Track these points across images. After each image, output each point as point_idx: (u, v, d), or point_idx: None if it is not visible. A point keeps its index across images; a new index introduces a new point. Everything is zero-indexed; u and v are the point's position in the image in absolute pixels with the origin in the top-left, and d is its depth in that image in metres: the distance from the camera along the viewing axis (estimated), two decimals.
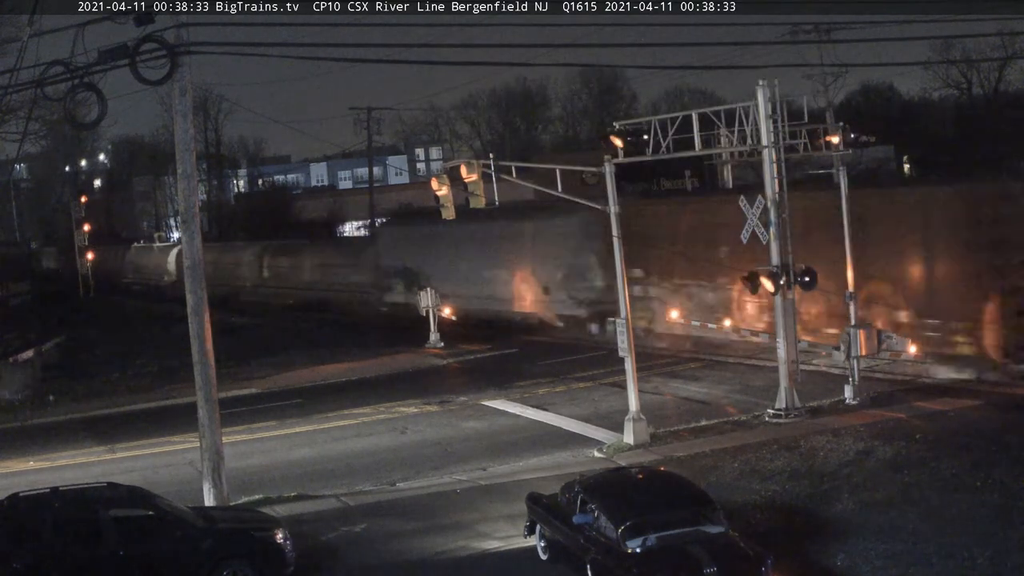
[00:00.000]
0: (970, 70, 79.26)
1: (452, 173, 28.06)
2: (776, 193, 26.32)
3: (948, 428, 24.06)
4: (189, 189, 20.89)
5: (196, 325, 20.70)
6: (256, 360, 40.47)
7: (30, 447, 28.97)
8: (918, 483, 20.28)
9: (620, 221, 25.55)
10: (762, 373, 31.30)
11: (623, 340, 25.32)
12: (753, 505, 19.85)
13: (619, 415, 25.89)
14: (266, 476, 24.47)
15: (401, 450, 26.50)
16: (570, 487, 17.48)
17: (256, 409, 32.05)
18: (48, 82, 18.63)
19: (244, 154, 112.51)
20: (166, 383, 36.80)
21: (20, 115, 39.05)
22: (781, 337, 26.48)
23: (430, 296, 42.48)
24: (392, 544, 19.35)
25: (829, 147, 28.64)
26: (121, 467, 25.72)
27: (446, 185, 26.91)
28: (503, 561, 18.24)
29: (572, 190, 27.88)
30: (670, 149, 27.32)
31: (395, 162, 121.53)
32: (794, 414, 26.11)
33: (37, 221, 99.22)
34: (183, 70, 19.85)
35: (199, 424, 20.87)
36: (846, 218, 28.77)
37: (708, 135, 28.00)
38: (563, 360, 36.91)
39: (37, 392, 36.49)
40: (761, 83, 26.25)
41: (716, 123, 27.52)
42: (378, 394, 33.28)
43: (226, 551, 17.30)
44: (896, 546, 17.22)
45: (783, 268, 26.06)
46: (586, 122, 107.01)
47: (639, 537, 15.43)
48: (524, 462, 24.48)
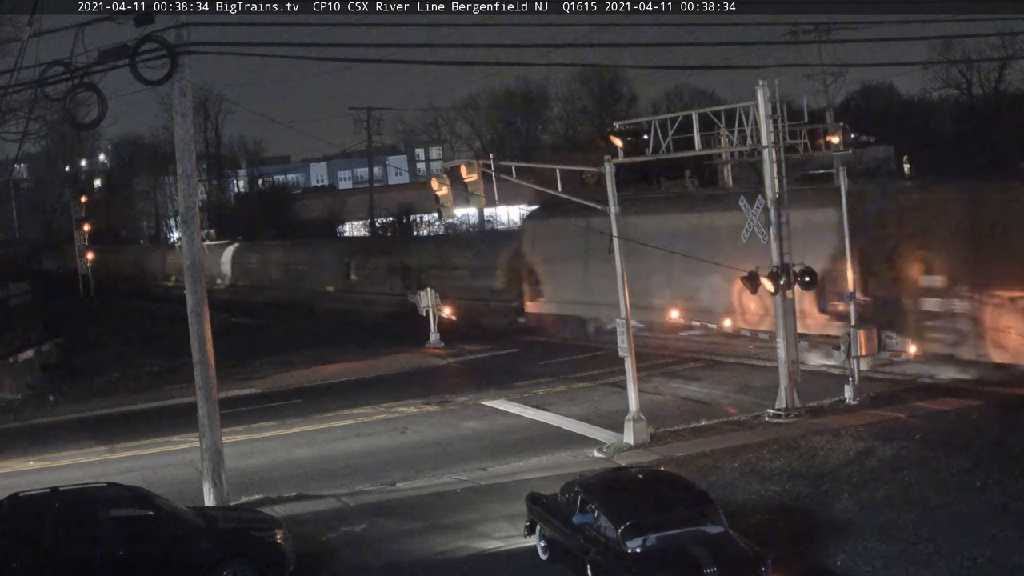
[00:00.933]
0: (970, 70, 79.35)
1: (452, 173, 28.09)
2: (776, 193, 26.33)
3: (948, 428, 24.06)
4: (189, 189, 20.90)
5: (196, 325, 20.71)
6: (256, 360, 40.46)
7: (30, 447, 28.96)
8: (918, 483, 20.27)
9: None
10: (762, 373, 31.29)
11: (623, 340, 25.33)
12: (753, 505, 19.86)
13: (619, 415, 25.89)
14: (266, 476, 24.47)
15: (401, 450, 26.50)
16: (570, 487, 17.48)
17: (256, 409, 32.05)
18: (48, 82, 18.65)
19: (244, 154, 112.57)
20: (166, 383, 36.82)
21: (20, 115, 39.00)
22: (781, 337, 26.48)
23: (430, 296, 42.42)
24: (392, 544, 19.35)
25: (829, 147, 28.65)
26: (121, 467, 25.73)
27: (446, 185, 26.92)
28: (503, 561, 18.23)
29: (572, 190, 27.91)
30: (670, 149, 27.34)
31: (395, 162, 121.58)
32: (794, 414, 26.11)
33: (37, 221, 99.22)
34: (183, 70, 19.86)
35: (199, 424, 20.89)
36: (846, 218, 28.80)
37: (708, 135, 28.02)
38: (563, 360, 36.92)
39: (37, 392, 36.50)
40: (761, 83, 26.27)
41: (716, 123, 27.54)
42: (378, 394, 33.27)
43: (226, 551, 17.29)
44: (896, 546, 17.22)
45: (783, 268, 26.09)
46: (586, 122, 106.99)
47: (639, 537, 15.43)
48: (524, 462, 24.48)
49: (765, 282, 26.05)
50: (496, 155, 28.42)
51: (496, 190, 26.35)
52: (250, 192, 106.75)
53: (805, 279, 26.39)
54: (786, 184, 26.64)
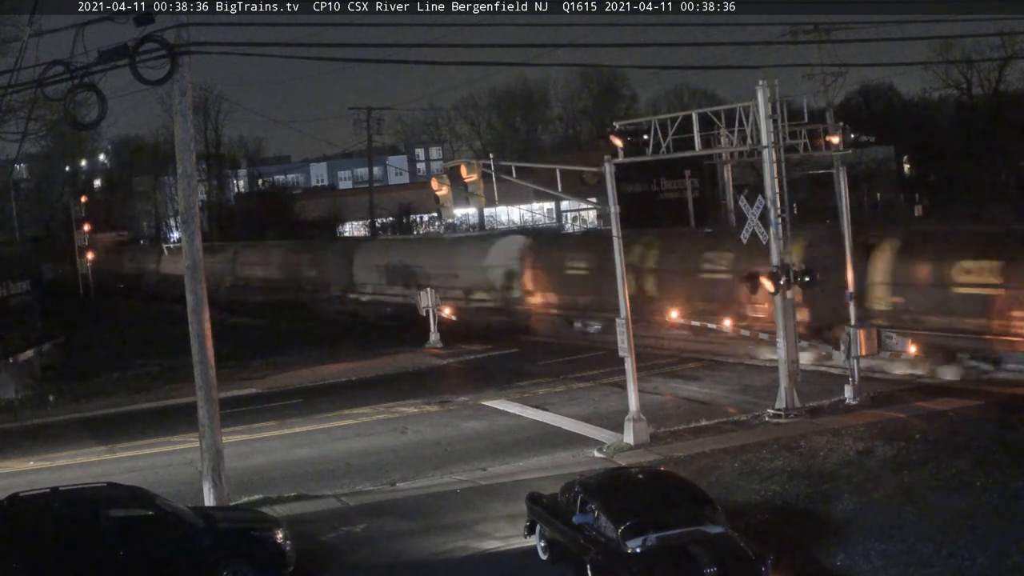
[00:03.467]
0: (970, 70, 79.36)
1: (452, 173, 28.11)
2: (776, 193, 26.33)
3: (948, 428, 24.06)
4: (189, 189, 20.89)
5: (196, 325, 20.71)
6: (256, 360, 40.46)
7: (30, 447, 28.95)
8: (918, 483, 20.27)
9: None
10: (762, 373, 31.30)
11: (623, 340, 25.33)
12: (753, 505, 19.85)
13: (619, 415, 25.88)
14: (266, 476, 24.47)
15: (401, 450, 26.50)
16: (570, 487, 17.47)
17: (256, 409, 32.04)
18: (48, 82, 18.63)
19: (244, 154, 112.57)
20: (166, 383, 36.81)
21: (20, 115, 39.05)
22: (781, 337, 26.48)
23: (430, 296, 42.41)
24: (392, 544, 19.34)
25: (829, 147, 28.68)
26: (121, 467, 25.72)
27: (446, 185, 26.93)
28: (503, 561, 18.23)
29: (572, 190, 27.92)
30: (670, 149, 27.32)
31: (395, 162, 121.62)
32: (794, 414, 26.11)
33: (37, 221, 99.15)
34: (183, 70, 19.84)
35: (199, 424, 20.87)
36: (846, 217, 28.80)
37: (708, 135, 28.04)
38: (563, 360, 36.90)
39: (37, 392, 36.49)
40: (761, 83, 26.28)
41: (716, 123, 27.55)
42: (378, 394, 33.26)
43: (226, 551, 17.30)
44: (896, 546, 17.22)
45: (783, 268, 26.09)
46: (586, 122, 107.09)
47: (639, 537, 15.43)
48: (524, 462, 24.48)
49: (765, 282, 26.05)
50: (496, 155, 28.44)
51: (496, 190, 26.36)
52: (250, 192, 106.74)
53: (805, 279, 26.43)
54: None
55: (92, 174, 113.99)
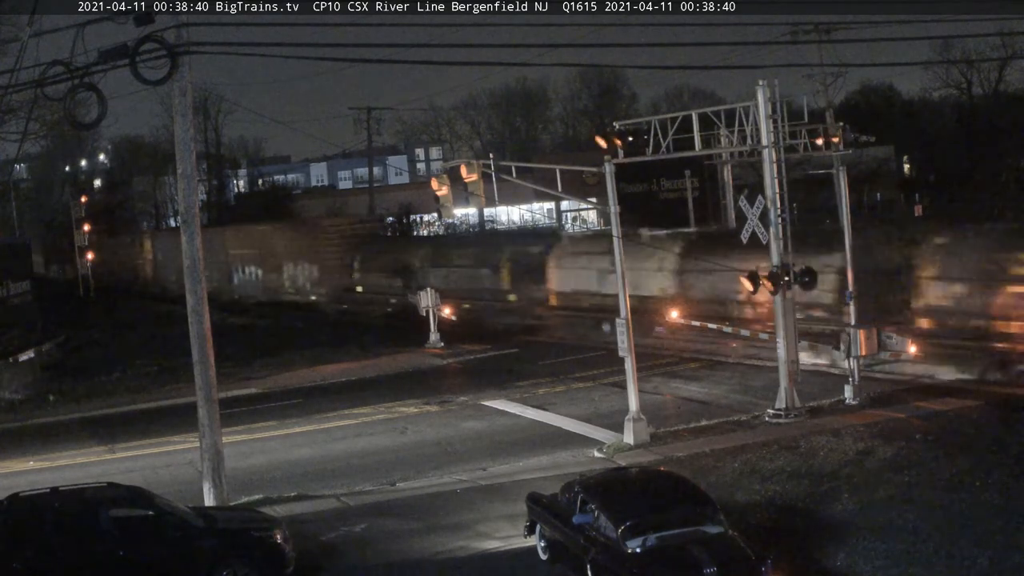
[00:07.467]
0: (970, 70, 79.34)
1: (452, 173, 28.10)
2: (776, 193, 26.32)
3: (948, 428, 24.05)
4: (189, 189, 20.90)
5: (196, 325, 20.71)
6: (256, 360, 40.45)
7: (30, 447, 28.96)
8: (918, 483, 20.27)
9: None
10: (762, 373, 31.28)
11: (623, 340, 25.34)
12: (753, 505, 19.85)
13: (619, 415, 25.88)
14: (266, 476, 24.48)
15: (401, 450, 26.50)
16: (570, 487, 17.48)
17: (256, 409, 32.05)
18: (48, 82, 18.63)
19: (244, 154, 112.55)
20: (166, 383, 36.81)
21: (20, 115, 39.03)
22: (781, 337, 26.48)
23: (430, 296, 42.40)
24: (392, 544, 19.35)
25: (829, 147, 28.65)
26: (121, 467, 25.72)
27: (446, 185, 26.93)
28: (503, 561, 18.24)
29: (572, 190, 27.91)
30: (670, 149, 27.32)
31: (395, 162, 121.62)
32: (794, 414, 26.10)
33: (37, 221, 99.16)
34: (183, 70, 19.86)
35: (199, 424, 20.88)
36: (846, 217, 28.78)
37: (708, 135, 28.05)
38: (563, 360, 36.89)
39: (37, 392, 36.49)
40: (761, 83, 26.26)
41: (716, 123, 27.56)
42: (378, 394, 33.26)
43: (226, 551, 17.31)
44: (896, 546, 17.22)
45: (783, 268, 26.08)
46: (586, 122, 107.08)
47: (639, 537, 15.43)
48: (524, 462, 24.48)
49: (765, 282, 26.03)
50: (496, 155, 28.44)
51: (496, 190, 26.35)
52: (250, 192, 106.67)
53: (805, 279, 26.41)
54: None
55: (92, 174, 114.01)
